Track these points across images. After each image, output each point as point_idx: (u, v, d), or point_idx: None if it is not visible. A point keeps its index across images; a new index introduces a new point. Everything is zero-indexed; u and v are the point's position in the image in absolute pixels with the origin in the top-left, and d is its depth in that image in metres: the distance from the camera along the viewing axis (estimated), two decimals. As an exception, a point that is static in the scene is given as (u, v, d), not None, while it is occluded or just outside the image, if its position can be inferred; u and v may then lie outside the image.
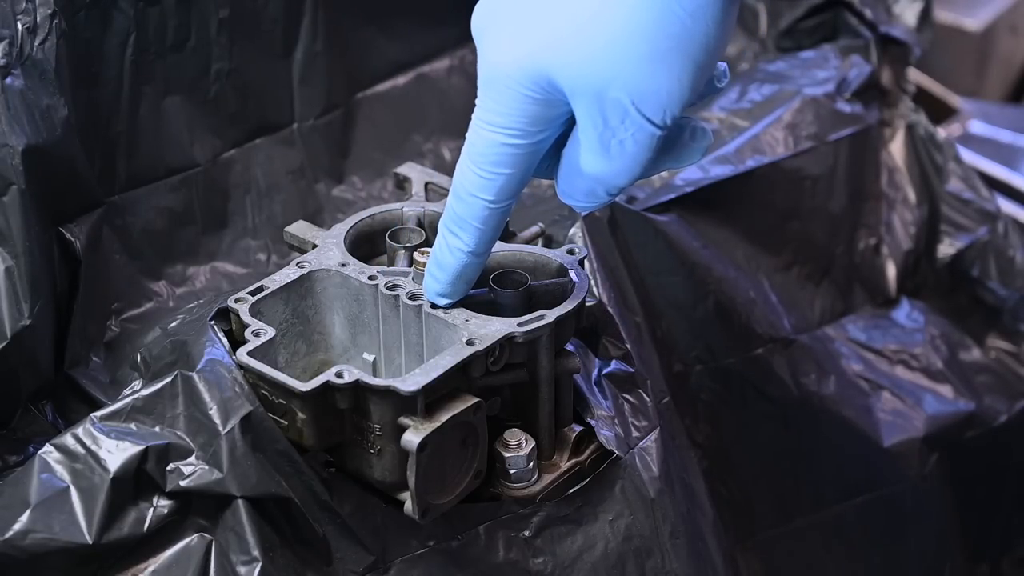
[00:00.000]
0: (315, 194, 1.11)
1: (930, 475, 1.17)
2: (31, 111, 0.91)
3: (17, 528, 0.79)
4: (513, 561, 0.89)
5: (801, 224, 1.16)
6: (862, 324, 1.19)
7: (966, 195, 1.24)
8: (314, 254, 0.90)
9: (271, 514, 0.82)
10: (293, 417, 0.82)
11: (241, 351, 0.83)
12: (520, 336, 0.84)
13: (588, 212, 0.92)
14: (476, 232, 0.82)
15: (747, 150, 1.14)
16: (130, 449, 0.81)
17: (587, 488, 0.91)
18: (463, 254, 0.83)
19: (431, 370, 0.81)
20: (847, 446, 1.14)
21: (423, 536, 0.87)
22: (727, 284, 1.08)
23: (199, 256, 1.05)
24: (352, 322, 0.89)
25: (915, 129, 1.24)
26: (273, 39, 1.08)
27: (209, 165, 1.06)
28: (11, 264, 0.89)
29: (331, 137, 1.12)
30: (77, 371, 0.95)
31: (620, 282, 1.00)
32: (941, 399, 1.18)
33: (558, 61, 0.76)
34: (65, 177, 0.95)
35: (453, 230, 0.83)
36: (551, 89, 0.77)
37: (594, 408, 0.92)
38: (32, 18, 0.93)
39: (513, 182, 0.81)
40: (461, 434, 0.84)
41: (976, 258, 1.24)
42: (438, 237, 0.84)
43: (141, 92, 1.01)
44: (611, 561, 0.91)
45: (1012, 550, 1.27)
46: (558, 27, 0.76)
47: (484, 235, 0.83)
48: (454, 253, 0.83)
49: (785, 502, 1.13)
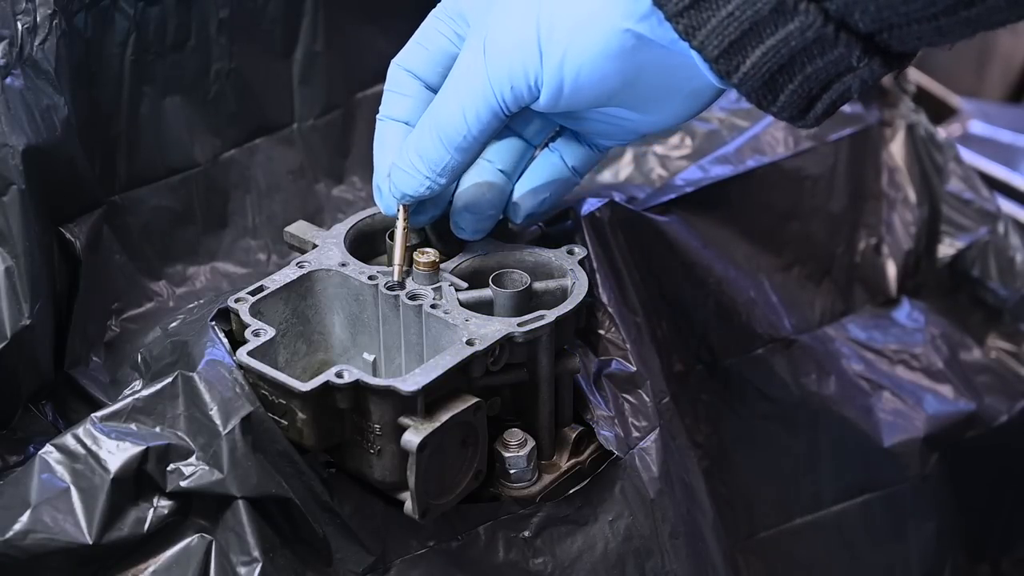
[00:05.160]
0: (315, 194, 1.11)
1: (930, 475, 1.17)
2: (31, 111, 0.91)
3: (17, 528, 0.79)
4: (513, 561, 0.89)
5: (801, 224, 1.16)
6: (862, 324, 1.18)
7: (966, 195, 1.24)
8: (314, 254, 0.90)
9: (271, 514, 0.82)
10: (293, 417, 0.82)
11: (241, 351, 0.83)
12: (520, 336, 0.84)
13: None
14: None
15: (747, 150, 1.14)
16: (130, 449, 0.81)
17: (587, 488, 0.91)
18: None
19: (431, 370, 0.81)
20: (847, 446, 1.14)
21: (423, 536, 0.87)
22: (727, 284, 1.08)
23: (199, 256, 1.05)
24: (352, 322, 0.89)
25: (915, 129, 1.23)
26: (273, 39, 1.08)
27: (209, 165, 1.06)
28: (11, 264, 0.89)
29: (331, 137, 1.12)
30: (77, 371, 0.95)
31: (620, 282, 1.00)
32: (941, 399, 1.18)
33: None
34: (65, 177, 0.95)
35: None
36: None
37: (594, 408, 0.92)
38: (32, 18, 0.93)
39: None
40: (461, 434, 0.84)
41: (976, 258, 1.24)
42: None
43: (141, 92, 1.01)
44: (611, 561, 0.91)
45: (1012, 550, 1.27)
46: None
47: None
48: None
49: (785, 502, 1.13)
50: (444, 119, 0.85)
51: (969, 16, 0.71)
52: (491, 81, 0.82)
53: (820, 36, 0.73)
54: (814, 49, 0.73)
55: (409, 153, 0.86)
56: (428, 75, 0.88)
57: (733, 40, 0.74)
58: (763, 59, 0.74)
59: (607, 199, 1.02)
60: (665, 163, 1.16)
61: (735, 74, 0.75)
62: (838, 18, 0.72)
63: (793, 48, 0.73)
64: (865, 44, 0.73)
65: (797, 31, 0.73)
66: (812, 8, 0.72)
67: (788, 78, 0.75)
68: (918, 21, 0.71)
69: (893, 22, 0.72)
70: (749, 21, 0.73)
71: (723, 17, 0.73)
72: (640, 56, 0.79)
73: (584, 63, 0.80)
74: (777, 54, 0.74)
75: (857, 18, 0.72)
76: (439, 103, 0.85)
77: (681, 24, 0.74)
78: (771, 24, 0.73)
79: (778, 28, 0.73)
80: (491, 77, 0.82)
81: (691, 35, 0.74)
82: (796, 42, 0.73)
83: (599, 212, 1.01)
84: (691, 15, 0.74)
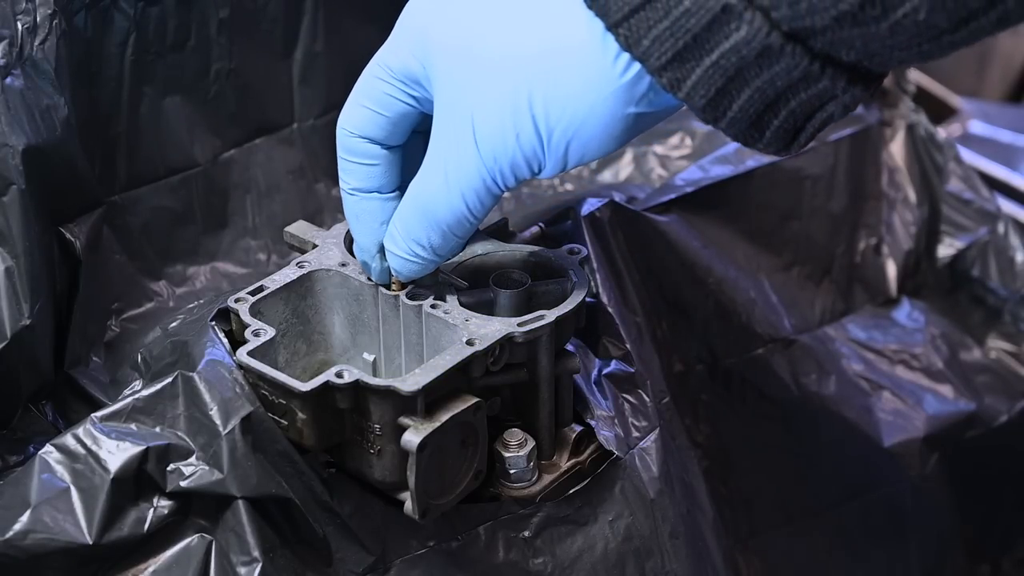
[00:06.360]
0: (315, 194, 1.11)
1: (930, 475, 1.17)
2: (31, 111, 0.91)
3: (17, 528, 0.79)
4: (513, 562, 0.89)
5: (801, 224, 1.16)
6: (862, 324, 1.19)
7: (966, 195, 1.24)
8: (314, 254, 0.90)
9: (271, 514, 0.82)
10: (293, 417, 0.82)
11: (241, 351, 0.83)
12: (520, 336, 0.84)
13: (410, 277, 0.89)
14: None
15: (747, 150, 1.14)
16: (130, 449, 0.81)
17: (587, 488, 0.91)
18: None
19: (431, 370, 0.81)
20: (847, 446, 1.14)
21: (423, 536, 0.87)
22: (727, 284, 1.08)
23: (199, 256, 1.05)
24: (352, 322, 0.89)
25: (915, 129, 1.23)
26: (273, 39, 1.08)
27: (209, 165, 1.06)
28: (11, 264, 0.89)
29: (331, 137, 1.11)
30: (77, 371, 0.95)
31: (620, 282, 1.00)
32: (941, 399, 1.18)
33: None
34: (65, 177, 0.95)
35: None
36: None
37: (594, 408, 0.92)
38: (32, 18, 0.93)
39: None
40: (461, 434, 0.84)
41: (976, 258, 1.24)
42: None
43: (141, 92, 1.01)
44: (611, 561, 0.91)
45: (1012, 550, 1.27)
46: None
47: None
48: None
49: (785, 502, 1.13)
50: (443, 209, 0.81)
51: (953, 40, 0.71)
52: (488, 169, 0.80)
53: (806, 74, 0.73)
54: (799, 85, 0.73)
55: (407, 242, 0.84)
56: (389, 140, 0.85)
57: (719, 88, 0.73)
58: (749, 102, 0.74)
59: (607, 199, 1.02)
60: (665, 163, 1.16)
61: (722, 120, 0.75)
62: (823, 54, 0.72)
63: (779, 88, 0.73)
64: (849, 74, 0.73)
65: (783, 72, 0.72)
66: (798, 49, 0.72)
67: (774, 115, 0.75)
68: (902, 48, 0.71)
69: (877, 52, 0.72)
70: (734, 68, 0.72)
71: (708, 67, 0.73)
72: (640, 123, 0.79)
73: (590, 148, 0.78)
74: (763, 95, 0.73)
75: (843, 53, 0.72)
76: (431, 191, 0.82)
77: (665, 78, 0.74)
78: (756, 68, 0.72)
79: (763, 71, 0.73)
80: (487, 165, 0.79)
81: (677, 87, 0.74)
82: (782, 82, 0.73)
83: (599, 212, 1.01)
84: (675, 68, 0.73)
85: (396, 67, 0.82)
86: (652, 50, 0.73)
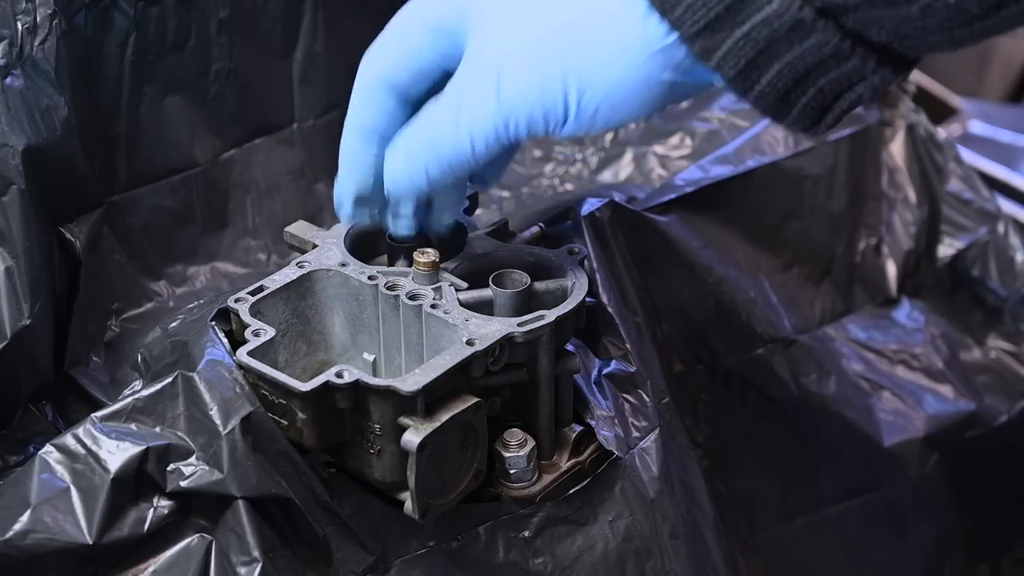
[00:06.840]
0: (315, 194, 1.11)
1: (930, 475, 1.17)
2: (31, 111, 0.91)
3: (17, 528, 0.79)
4: (513, 562, 0.89)
5: (801, 224, 1.16)
6: (862, 324, 1.18)
7: (966, 195, 1.24)
8: (314, 254, 0.90)
9: (271, 514, 0.82)
10: (293, 417, 0.82)
11: (241, 351, 0.83)
12: (520, 336, 0.84)
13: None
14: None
15: (747, 150, 1.14)
16: (130, 449, 0.81)
17: (587, 488, 0.91)
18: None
19: (431, 370, 0.81)
20: (847, 446, 1.14)
21: (423, 536, 0.87)
22: (727, 284, 1.08)
23: (199, 256, 1.05)
24: (352, 322, 0.89)
25: (915, 129, 1.23)
26: (273, 39, 1.08)
27: (209, 165, 1.06)
28: (11, 264, 0.89)
29: (331, 137, 1.11)
30: (77, 371, 0.95)
31: (620, 282, 1.00)
32: (941, 399, 1.18)
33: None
34: (65, 177, 0.95)
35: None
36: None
37: (594, 408, 0.92)
38: (32, 18, 0.93)
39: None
40: (461, 434, 0.84)
41: (976, 258, 1.24)
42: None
43: (141, 92, 1.01)
44: (611, 561, 0.91)
45: (1012, 550, 1.27)
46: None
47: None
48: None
49: (785, 502, 1.13)
50: (447, 143, 0.82)
51: (984, 27, 0.71)
52: (503, 115, 0.80)
53: (837, 51, 0.73)
54: (829, 63, 0.74)
55: (407, 162, 0.84)
56: (409, 91, 0.85)
57: (749, 60, 0.74)
58: (779, 76, 0.74)
59: (607, 199, 1.02)
60: (665, 163, 1.16)
61: (751, 92, 0.75)
62: (855, 33, 0.73)
63: (809, 63, 0.74)
64: (879, 54, 0.74)
65: (814, 47, 0.73)
66: (830, 25, 0.73)
67: (802, 91, 0.75)
68: (933, 32, 0.72)
69: (908, 34, 0.72)
70: (765, 40, 0.73)
71: (739, 38, 0.73)
72: (672, 92, 0.79)
73: (620, 111, 0.79)
74: (793, 70, 0.74)
75: (874, 32, 0.72)
76: (439, 121, 0.82)
77: (697, 46, 0.75)
78: (787, 42, 0.73)
79: (794, 46, 0.73)
80: (505, 113, 0.80)
81: (707, 56, 0.75)
82: (812, 57, 0.74)
83: (599, 212, 1.01)
84: (707, 36, 0.74)
85: (431, 16, 0.83)
86: (685, 17, 0.74)
